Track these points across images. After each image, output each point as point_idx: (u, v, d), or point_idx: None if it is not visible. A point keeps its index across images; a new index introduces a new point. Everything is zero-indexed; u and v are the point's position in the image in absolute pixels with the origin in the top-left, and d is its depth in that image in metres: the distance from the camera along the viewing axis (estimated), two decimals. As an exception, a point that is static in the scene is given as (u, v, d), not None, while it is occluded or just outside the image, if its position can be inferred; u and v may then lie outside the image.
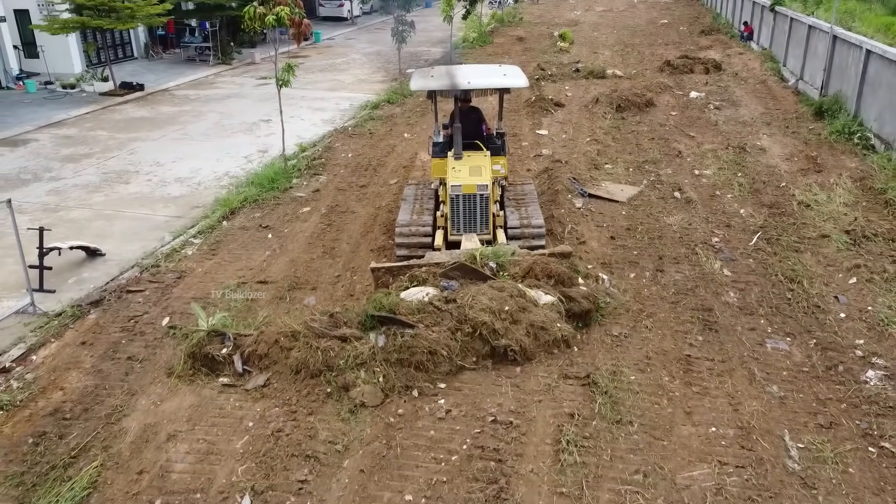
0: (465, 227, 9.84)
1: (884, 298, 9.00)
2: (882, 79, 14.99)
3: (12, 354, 8.21)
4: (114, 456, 6.51)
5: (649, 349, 7.96)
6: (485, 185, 9.61)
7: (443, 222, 10.12)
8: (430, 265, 8.67)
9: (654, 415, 6.88)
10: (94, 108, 21.40)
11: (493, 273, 8.55)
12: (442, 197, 10.50)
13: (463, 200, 9.69)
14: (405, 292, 8.22)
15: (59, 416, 7.10)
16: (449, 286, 8.26)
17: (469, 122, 10.67)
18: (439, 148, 10.87)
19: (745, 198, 12.68)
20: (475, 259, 8.61)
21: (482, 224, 9.80)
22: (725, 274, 9.83)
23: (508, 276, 8.50)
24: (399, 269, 8.76)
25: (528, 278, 8.54)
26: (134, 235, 11.72)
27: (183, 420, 6.97)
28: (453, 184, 9.65)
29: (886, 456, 6.33)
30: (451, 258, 8.76)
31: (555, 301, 8.24)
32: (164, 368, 7.83)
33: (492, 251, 8.84)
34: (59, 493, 6.03)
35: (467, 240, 9.59)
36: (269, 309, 8.92)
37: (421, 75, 11.13)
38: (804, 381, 7.44)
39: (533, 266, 8.64)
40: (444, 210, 10.15)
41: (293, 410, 6.95)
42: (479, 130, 10.92)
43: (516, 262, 8.73)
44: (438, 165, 10.70)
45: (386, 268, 8.82)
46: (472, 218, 9.79)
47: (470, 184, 9.61)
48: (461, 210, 9.75)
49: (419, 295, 8.10)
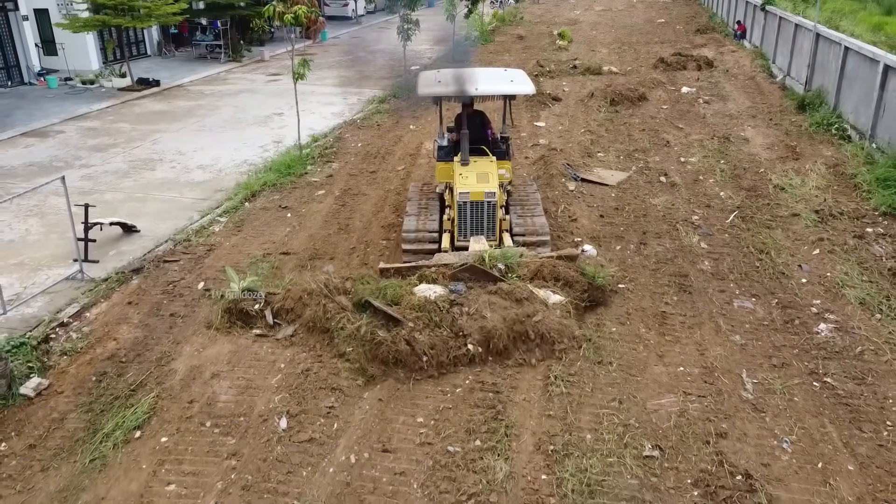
0: (472, 233, 9.87)
1: (841, 266, 10.07)
2: (858, 73, 16.04)
3: (68, 312, 9.31)
4: (167, 389, 7.61)
5: (629, 307, 9.05)
6: (492, 192, 9.62)
7: (449, 226, 10.17)
8: (438, 266, 8.81)
9: (631, 357, 7.97)
10: (114, 103, 22.49)
11: (502, 274, 8.70)
12: (448, 202, 10.58)
13: (471, 207, 9.70)
14: (417, 287, 8.46)
15: (116, 360, 8.21)
16: (456, 290, 8.38)
17: (474, 125, 10.61)
18: (444, 152, 10.89)
19: (726, 182, 13.75)
20: (484, 261, 8.77)
21: (489, 230, 9.84)
22: (702, 246, 10.91)
23: (517, 278, 8.67)
24: (408, 269, 8.88)
25: (537, 279, 8.73)
26: (165, 215, 12.81)
27: (223, 362, 8.06)
28: (461, 191, 9.65)
29: (827, 389, 7.41)
30: (459, 259, 8.89)
31: (564, 301, 8.46)
32: (203, 323, 8.92)
33: (500, 253, 8.98)
34: (124, 416, 7.13)
35: (475, 241, 9.64)
36: (292, 274, 9.99)
37: (427, 80, 10.97)
38: (764, 332, 8.52)
39: (541, 268, 8.84)
40: (450, 214, 10.21)
41: (319, 355, 8.03)
42: (484, 135, 10.85)
43: (524, 264, 8.89)
44: (444, 169, 10.74)
45: (395, 268, 8.96)
46: (479, 224, 9.81)
47: (478, 191, 9.61)
48: (469, 216, 9.76)
49: (428, 293, 8.30)
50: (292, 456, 6.59)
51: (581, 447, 6.57)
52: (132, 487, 6.25)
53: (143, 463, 6.55)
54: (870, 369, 7.70)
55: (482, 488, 6.12)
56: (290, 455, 6.60)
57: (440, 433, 6.83)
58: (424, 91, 10.60)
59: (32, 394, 7.55)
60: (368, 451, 6.64)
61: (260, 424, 7.02)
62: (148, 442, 6.83)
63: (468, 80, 10.36)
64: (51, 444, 6.88)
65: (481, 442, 6.67)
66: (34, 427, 7.11)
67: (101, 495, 6.18)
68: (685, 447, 6.54)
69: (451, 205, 10.21)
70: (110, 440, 6.81)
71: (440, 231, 10.18)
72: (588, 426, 6.86)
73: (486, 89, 10.40)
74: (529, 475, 6.27)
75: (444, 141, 11.18)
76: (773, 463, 6.35)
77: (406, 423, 7.02)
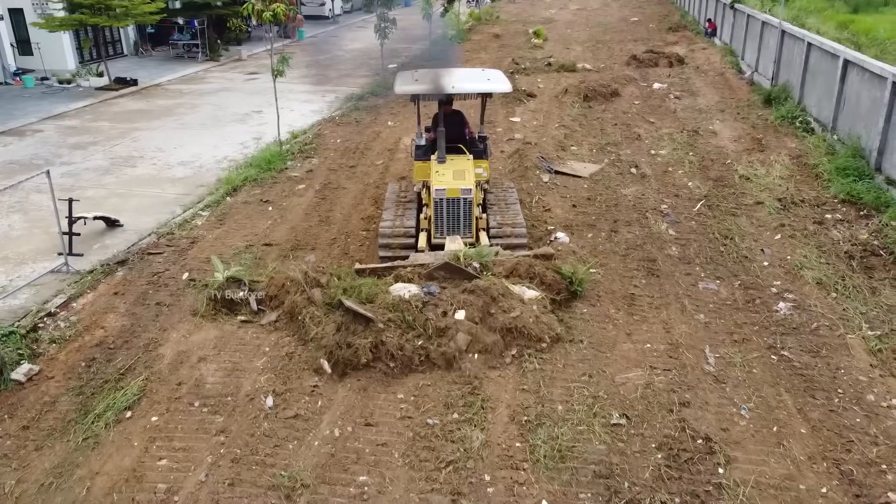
0: (448, 230, 9.96)
1: (801, 250, 10.58)
2: (820, 68, 16.65)
3: (55, 302, 9.52)
4: (155, 373, 7.88)
5: (600, 290, 9.46)
6: (468, 188, 9.73)
7: (426, 225, 10.26)
8: (414, 266, 8.91)
9: (601, 336, 8.38)
10: (91, 102, 22.54)
11: (477, 272, 8.73)
12: (425, 200, 10.64)
13: (447, 204, 9.79)
14: (392, 286, 8.50)
15: (105, 347, 8.45)
16: (430, 291, 8.33)
17: (452, 125, 10.70)
18: (422, 151, 10.96)
19: (694, 173, 14.24)
20: (459, 259, 8.83)
21: (465, 227, 9.93)
22: (670, 233, 11.37)
23: (492, 276, 8.73)
24: (383, 269, 8.99)
25: (513, 277, 8.81)
26: (147, 210, 13.01)
27: (210, 347, 8.35)
28: (437, 187, 9.74)
29: (784, 361, 7.87)
30: (435, 259, 8.93)
31: (539, 296, 8.56)
32: (189, 311, 9.19)
33: (475, 252, 9.05)
34: (115, 398, 7.40)
35: (451, 241, 9.71)
36: (275, 263, 10.28)
37: (405, 78, 11.04)
38: (726, 311, 8.98)
39: (517, 266, 8.96)
40: (427, 213, 10.30)
41: (303, 339, 8.33)
42: (462, 134, 10.95)
43: (500, 263, 9.00)
44: (422, 168, 10.81)
45: (370, 269, 9.04)
46: (455, 221, 9.91)
47: (454, 187, 9.70)
48: (445, 213, 9.85)
49: (403, 292, 8.33)
50: (279, 431, 6.91)
51: (553, 417, 6.95)
52: (125, 463, 6.53)
53: (135, 441, 6.82)
54: (824, 343, 8.18)
55: (459, 456, 6.48)
56: (277, 430, 6.92)
57: (420, 408, 7.18)
58: (401, 89, 10.67)
59: (23, 379, 7.78)
60: (352, 425, 6.98)
61: (247, 403, 7.32)
62: (139, 421, 7.11)
63: (445, 79, 10.47)
64: (44, 425, 7.12)
65: (458, 415, 7.04)
66: (26, 410, 7.35)
67: (95, 470, 6.45)
68: (650, 415, 6.96)
69: (428, 203, 10.29)
70: (102, 420, 7.08)
71: (417, 230, 10.24)
72: (559, 398, 7.25)
73: (463, 87, 10.51)
74: (504, 443, 6.65)
75: (421, 140, 11.27)
76: (732, 428, 6.79)
77: (387, 399, 7.36)
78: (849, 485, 6.06)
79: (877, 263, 10.08)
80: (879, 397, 7.19)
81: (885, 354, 7.88)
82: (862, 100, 14.04)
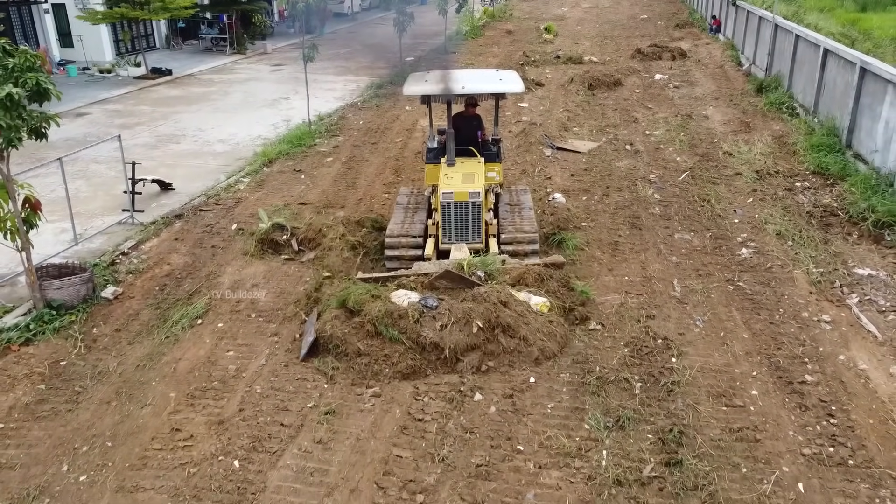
0: (456, 235, 9.62)
1: (769, 210, 12.09)
2: (806, 58, 18.11)
3: (127, 245, 11.26)
4: (217, 295, 9.56)
5: (589, 238, 11.05)
6: (477, 192, 9.38)
7: (434, 230, 9.92)
8: (417, 275, 8.72)
9: (587, 271, 9.97)
10: (131, 89, 24.40)
11: (482, 281, 8.55)
12: (434, 204, 10.23)
13: (455, 208, 9.45)
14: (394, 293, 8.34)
15: (173, 276, 10.17)
16: (428, 305, 7.98)
17: (465, 128, 10.52)
18: (433, 154, 10.60)
19: (684, 150, 15.77)
20: (462, 268, 8.62)
21: (474, 232, 9.59)
22: (655, 197, 12.92)
23: (497, 285, 8.46)
24: (386, 279, 8.81)
25: (519, 286, 8.62)
26: (194, 177, 14.74)
27: (260, 277, 10.04)
28: (444, 191, 9.41)
29: (738, 290, 9.42)
30: (438, 268, 8.71)
31: (546, 301, 8.40)
32: (240, 252, 10.89)
33: (480, 260, 8.84)
34: (187, 310, 9.09)
35: (456, 249, 9.44)
36: (311, 216, 11.93)
37: (415, 79, 10.74)
38: (696, 255, 10.53)
39: (524, 276, 8.72)
40: (436, 218, 9.92)
41: (339, 269, 9.98)
42: (474, 136, 10.67)
43: (506, 271, 8.77)
44: (432, 172, 10.43)
45: (373, 278, 8.89)
46: (463, 226, 9.57)
47: (462, 191, 9.37)
48: (453, 218, 9.52)
49: (404, 300, 8.14)
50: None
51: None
52: (201, 353, 8.21)
53: (207, 339, 8.51)
54: (774, 277, 9.72)
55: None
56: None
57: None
58: (410, 90, 10.37)
59: (111, 297, 9.51)
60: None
61: (293, 315, 8.98)
62: (208, 326, 8.80)
63: (455, 80, 10.20)
64: (132, 328, 8.84)
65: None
66: (116, 318, 9.07)
67: (177, 357, 8.14)
68: (621, 324, 8.54)
69: (437, 207, 9.90)
70: (178, 325, 8.78)
71: (425, 236, 9.97)
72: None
73: (473, 88, 10.22)
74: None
75: (433, 143, 10.92)
76: (687, 333, 8.36)
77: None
78: (775, 370, 7.61)
79: (834, 221, 11.57)
80: (812, 314, 8.72)
81: (823, 285, 9.41)
82: (837, 84, 15.51)
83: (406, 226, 10.04)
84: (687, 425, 6.73)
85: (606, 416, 6.92)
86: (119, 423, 7.02)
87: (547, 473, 6.20)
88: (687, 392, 7.24)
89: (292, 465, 6.36)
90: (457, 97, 10.34)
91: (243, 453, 6.51)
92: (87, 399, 7.43)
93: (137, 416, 7.11)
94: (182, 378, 7.72)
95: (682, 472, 6.14)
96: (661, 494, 5.96)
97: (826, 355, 7.85)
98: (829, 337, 8.22)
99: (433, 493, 6.04)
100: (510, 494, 6.02)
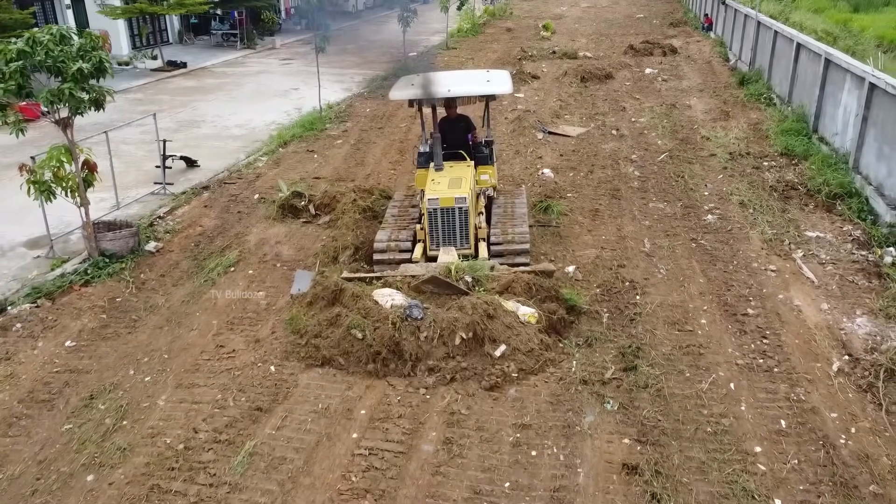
0: (443, 242, 9.43)
1: (736, 185, 13.47)
2: (783, 52, 19.49)
3: (161, 211, 12.68)
4: (246, 249, 10.99)
5: (572, 206, 12.44)
6: (463, 197, 9.14)
7: (422, 235, 9.75)
8: (404, 277, 8.64)
9: (569, 232, 11.36)
10: (150, 80, 25.82)
11: (469, 287, 8.36)
12: (422, 209, 9.84)
13: (441, 214, 9.23)
14: (376, 291, 8.37)
15: (205, 235, 11.58)
16: (412, 315, 7.79)
17: (455, 130, 10.41)
18: (424, 158, 10.45)
19: (665, 135, 17.15)
20: (450, 273, 8.45)
21: (462, 238, 9.39)
22: (635, 174, 14.30)
23: (484, 292, 8.32)
24: (371, 280, 8.81)
25: (507, 294, 8.37)
26: (216, 156, 16.15)
27: (282, 236, 11.45)
28: (430, 197, 9.22)
29: (700, 247, 10.81)
30: (425, 271, 8.60)
31: (535, 312, 8.19)
32: (263, 217, 12.30)
33: (468, 265, 8.63)
34: (220, 261, 10.51)
35: (445, 252, 9.30)
36: (326, 186, 13.33)
37: (402, 84, 10.58)
38: (666, 220, 11.92)
39: (513, 283, 8.49)
40: (423, 223, 9.70)
41: (352, 229, 11.36)
42: (465, 139, 10.50)
43: (495, 278, 8.56)
44: (422, 176, 10.25)
45: (359, 278, 8.86)
46: (450, 232, 9.36)
47: (448, 196, 9.17)
48: (439, 224, 9.30)
49: (387, 299, 8.13)
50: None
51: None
52: (235, 294, 9.63)
53: (240, 282, 9.93)
54: (733, 237, 11.11)
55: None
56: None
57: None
58: (395, 95, 10.26)
59: (153, 250, 10.92)
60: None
61: (311, 265, 10.37)
62: (240, 273, 10.22)
63: (441, 83, 10.10)
64: (174, 274, 10.26)
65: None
66: (160, 267, 10.48)
67: (216, 296, 9.56)
68: (596, 271, 9.94)
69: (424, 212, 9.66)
70: (214, 272, 10.19)
71: (413, 241, 9.80)
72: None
73: (460, 91, 10.10)
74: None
75: (425, 147, 10.78)
76: (651, 278, 9.75)
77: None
78: (723, 305, 9.01)
79: (794, 195, 12.95)
80: (760, 265, 10.12)
81: (774, 243, 10.80)
82: (808, 75, 16.89)
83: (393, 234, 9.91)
84: (644, 344, 8.13)
85: (578, 337, 8.31)
86: (172, 342, 8.43)
87: (526, 377, 7.58)
88: (646, 321, 8.63)
89: (318, 370, 7.76)
90: (441, 101, 10.25)
91: (277, 361, 7.91)
92: (142, 325, 8.85)
93: (186, 338, 8.52)
94: (222, 310, 9.13)
95: (636, 376, 7.54)
96: (618, 391, 7.36)
97: (768, 295, 9.24)
98: (772, 282, 9.61)
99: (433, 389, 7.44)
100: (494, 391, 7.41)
